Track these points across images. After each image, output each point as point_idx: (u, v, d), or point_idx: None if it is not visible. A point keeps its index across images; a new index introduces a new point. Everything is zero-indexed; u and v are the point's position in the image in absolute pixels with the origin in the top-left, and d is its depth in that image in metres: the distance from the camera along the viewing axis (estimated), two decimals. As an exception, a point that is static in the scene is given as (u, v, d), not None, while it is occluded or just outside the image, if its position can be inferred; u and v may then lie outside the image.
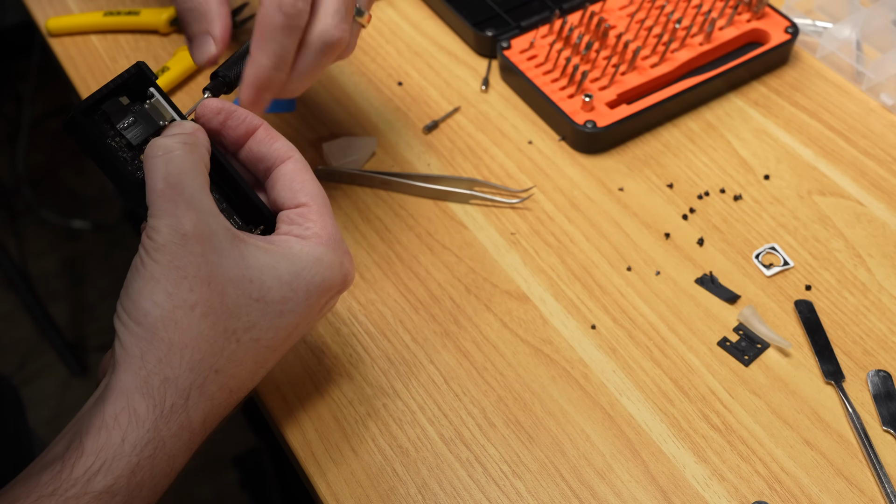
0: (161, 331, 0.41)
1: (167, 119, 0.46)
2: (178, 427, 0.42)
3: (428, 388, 0.55)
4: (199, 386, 0.42)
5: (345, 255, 0.47)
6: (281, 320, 0.44)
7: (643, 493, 0.50)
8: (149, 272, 0.41)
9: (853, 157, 0.67)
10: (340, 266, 0.46)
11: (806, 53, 0.74)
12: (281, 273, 0.44)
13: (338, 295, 0.48)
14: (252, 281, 0.43)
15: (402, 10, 0.80)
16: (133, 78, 0.46)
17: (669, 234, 0.62)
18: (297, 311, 0.45)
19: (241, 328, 0.43)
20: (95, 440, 0.40)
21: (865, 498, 0.50)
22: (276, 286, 0.44)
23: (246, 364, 0.44)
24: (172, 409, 0.41)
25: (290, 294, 0.44)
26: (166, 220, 0.42)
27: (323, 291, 0.45)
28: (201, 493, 1.37)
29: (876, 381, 0.54)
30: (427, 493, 0.51)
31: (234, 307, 0.43)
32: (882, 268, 0.60)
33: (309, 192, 0.47)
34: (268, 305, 0.43)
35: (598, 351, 0.56)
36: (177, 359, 0.41)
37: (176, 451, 0.42)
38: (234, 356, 0.43)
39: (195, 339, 0.42)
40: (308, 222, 0.46)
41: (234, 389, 0.44)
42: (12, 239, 1.72)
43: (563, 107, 0.67)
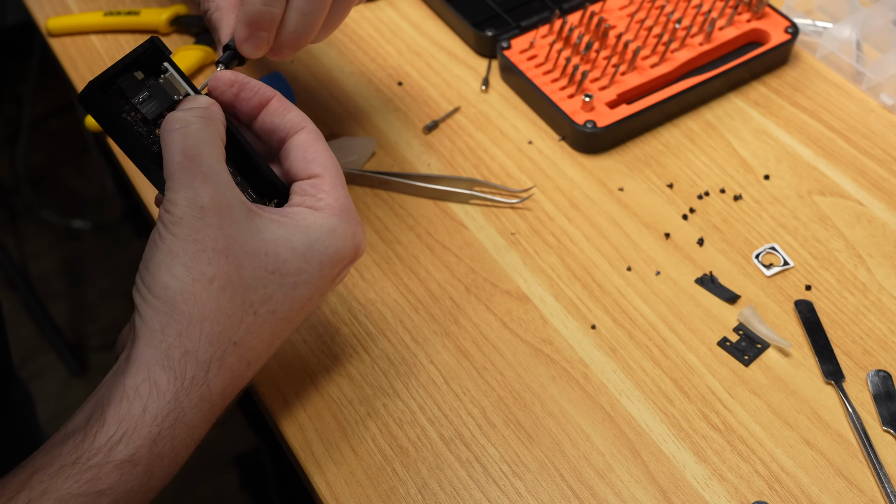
0: (180, 304, 0.42)
1: (181, 93, 0.47)
2: (198, 399, 0.42)
3: (428, 388, 0.55)
4: (218, 358, 0.43)
5: (357, 225, 0.47)
6: (296, 292, 0.45)
7: (643, 493, 0.50)
8: (167, 246, 0.42)
9: (853, 157, 0.67)
10: (353, 236, 0.46)
11: (806, 53, 0.74)
12: (295, 245, 0.44)
13: (350, 265, 0.48)
14: (268, 254, 0.43)
15: (402, 10, 0.80)
16: (147, 53, 0.46)
17: (669, 234, 0.62)
18: (311, 282, 0.45)
19: (257, 301, 0.43)
20: (117, 410, 0.41)
21: (865, 498, 0.50)
22: (291, 258, 0.44)
23: (263, 336, 0.44)
24: (193, 381, 0.42)
25: (304, 265, 0.44)
26: (184, 193, 0.42)
27: (336, 262, 0.46)
28: (201, 493, 1.37)
29: (876, 381, 0.54)
30: (427, 493, 0.51)
31: (251, 280, 0.43)
32: (882, 268, 0.60)
33: (322, 162, 0.47)
34: (283, 277, 0.44)
35: (598, 351, 0.56)
36: (196, 332, 0.42)
37: (196, 422, 0.43)
38: (251, 329, 0.43)
39: (214, 312, 0.42)
40: (321, 193, 0.46)
41: (251, 361, 0.44)
42: (12, 239, 1.72)
43: (563, 107, 0.67)
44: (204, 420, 0.43)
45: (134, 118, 0.46)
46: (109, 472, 0.40)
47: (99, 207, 1.78)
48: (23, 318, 1.61)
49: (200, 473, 1.38)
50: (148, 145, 0.46)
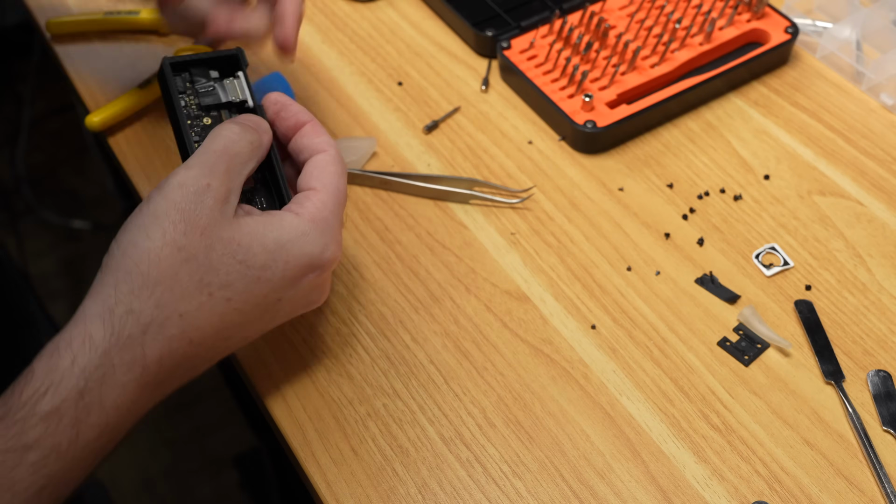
0: (143, 264, 0.43)
1: (240, 97, 0.52)
2: (130, 358, 0.42)
3: (428, 388, 0.55)
4: (159, 324, 0.43)
5: (332, 242, 0.48)
6: (256, 286, 0.46)
7: (643, 493, 0.50)
8: (152, 209, 0.44)
9: (853, 157, 0.67)
10: (324, 248, 0.47)
11: (806, 53, 0.74)
12: (267, 242, 0.46)
13: (316, 276, 0.48)
14: (240, 244, 0.45)
15: (402, 10, 0.80)
16: (229, 58, 0.52)
17: (669, 234, 0.62)
18: (272, 280, 0.46)
19: (216, 283, 0.44)
20: (47, 363, 0.41)
21: (865, 498, 0.50)
22: (260, 253, 0.45)
23: (212, 320, 0.45)
24: (129, 339, 0.42)
25: (270, 262, 0.46)
26: (198, 171, 0.45)
27: (301, 266, 0.47)
28: (201, 493, 1.37)
29: (876, 381, 0.54)
30: (427, 493, 0.51)
31: (217, 263, 0.44)
32: (882, 268, 0.60)
33: (324, 181, 0.49)
34: (248, 269, 0.45)
35: (598, 351, 0.56)
36: (147, 293, 0.43)
37: (127, 383, 0.42)
38: (202, 308, 0.44)
39: (170, 278, 0.43)
40: (307, 202, 0.48)
41: (194, 341, 0.44)
42: (12, 239, 1.72)
43: (563, 107, 0.67)
44: (136, 385, 0.43)
45: (189, 101, 0.51)
46: (35, 424, 0.40)
47: (99, 207, 1.78)
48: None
49: (200, 473, 1.39)
50: (190, 126, 0.51)
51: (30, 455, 0.40)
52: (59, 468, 0.41)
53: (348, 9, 0.80)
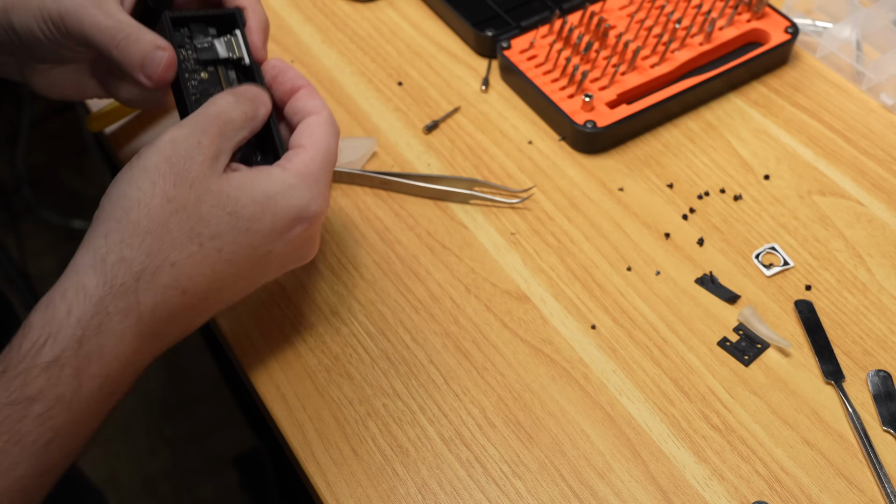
0: (133, 213, 0.44)
1: (237, 54, 0.53)
2: (125, 307, 0.43)
3: (428, 388, 0.55)
4: (151, 272, 0.43)
5: (318, 195, 0.49)
6: (246, 237, 0.46)
7: (643, 493, 0.50)
8: (143, 162, 0.45)
9: (853, 157, 0.67)
10: (310, 200, 0.48)
11: (806, 53, 0.74)
12: (256, 194, 0.46)
13: (304, 230, 0.49)
14: (229, 196, 0.46)
15: (402, 10, 0.80)
16: (227, 17, 0.54)
17: (669, 234, 0.62)
18: (261, 231, 0.47)
19: (206, 234, 0.45)
20: (42, 315, 0.42)
21: (865, 498, 0.50)
22: (248, 204, 0.46)
23: (203, 270, 0.45)
24: (122, 287, 0.43)
25: (259, 214, 0.46)
26: (191, 130, 0.46)
27: (289, 218, 0.48)
28: (201, 493, 1.37)
29: (876, 381, 0.54)
30: (427, 493, 0.51)
31: (207, 214, 0.45)
32: (882, 268, 0.60)
33: (314, 138, 0.50)
34: (237, 220, 0.46)
35: (598, 351, 0.56)
36: (137, 242, 0.43)
37: (124, 332, 0.43)
38: (192, 257, 0.45)
39: (160, 227, 0.44)
40: (296, 158, 0.49)
41: (187, 291, 0.45)
42: (12, 239, 1.72)
43: (563, 107, 0.67)
44: (134, 334, 0.43)
45: (187, 55, 0.52)
46: (37, 376, 0.40)
47: (99, 207, 1.78)
48: (23, 319, 1.60)
49: (200, 473, 1.39)
50: (186, 80, 0.52)
51: (34, 407, 0.40)
52: (65, 420, 0.41)
53: (348, 9, 0.80)
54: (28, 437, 0.40)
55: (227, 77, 0.53)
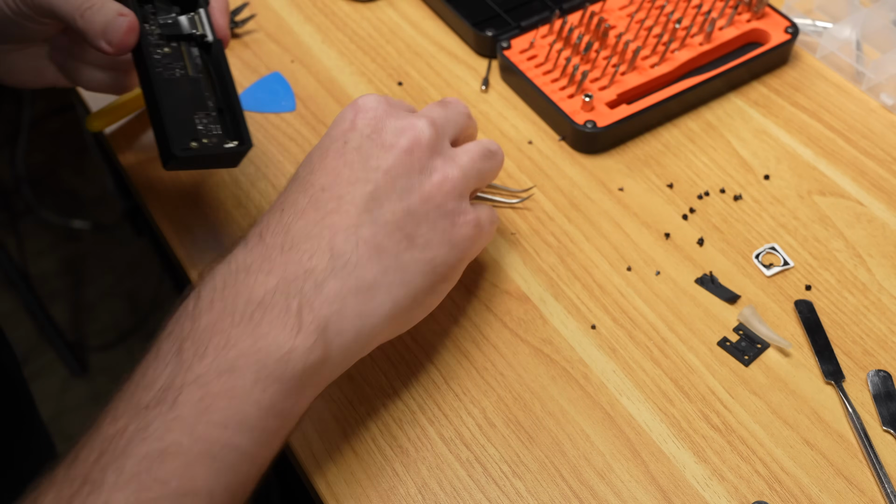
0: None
1: (199, 31, 0.54)
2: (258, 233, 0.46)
3: (428, 388, 0.55)
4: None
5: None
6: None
7: (643, 493, 0.50)
8: None
9: (853, 157, 0.67)
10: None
11: (806, 53, 0.74)
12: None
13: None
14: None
15: (402, 10, 0.80)
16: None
17: (669, 234, 0.62)
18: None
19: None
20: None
21: (865, 498, 0.50)
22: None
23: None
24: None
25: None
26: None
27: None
28: (201, 493, 1.37)
29: (876, 381, 0.54)
30: (427, 493, 0.51)
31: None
32: (882, 268, 0.60)
33: None
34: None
35: (598, 351, 0.56)
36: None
37: (236, 253, 0.45)
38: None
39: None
40: None
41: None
42: (12, 239, 1.72)
43: (563, 107, 0.67)
44: (242, 249, 0.45)
45: (152, 31, 0.54)
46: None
47: (99, 207, 1.79)
48: (23, 318, 1.61)
49: (200, 473, 1.38)
50: (152, 52, 0.53)
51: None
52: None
53: (348, 9, 0.80)
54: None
55: (190, 53, 0.54)
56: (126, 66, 0.59)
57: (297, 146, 0.68)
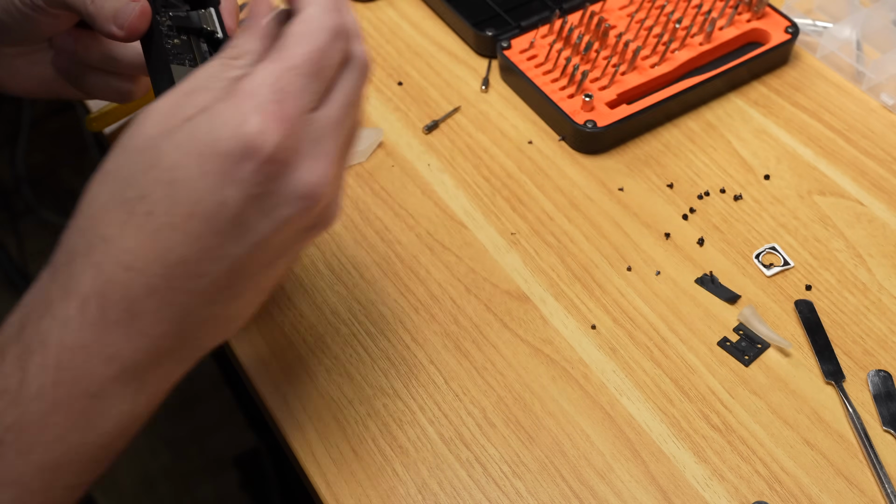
0: (82, 197, 0.40)
1: (209, 27, 0.52)
2: (63, 290, 0.38)
3: (428, 388, 0.55)
4: (83, 252, 0.38)
5: (258, 115, 0.37)
6: (174, 191, 0.37)
7: (643, 493, 0.50)
8: None
9: (853, 157, 0.67)
10: (241, 123, 0.36)
11: (806, 53, 0.74)
12: (177, 136, 0.38)
13: (266, 170, 0.37)
14: (155, 147, 0.38)
15: (402, 10, 0.80)
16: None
17: (669, 234, 0.62)
18: (190, 180, 0.37)
19: (134, 198, 0.38)
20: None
21: (865, 498, 0.50)
22: (168, 150, 0.37)
23: (142, 239, 0.38)
24: (60, 269, 0.39)
25: (180, 158, 0.37)
26: (154, 116, 0.39)
27: (217, 155, 0.37)
28: (201, 493, 1.37)
29: (876, 381, 0.54)
30: (427, 493, 0.51)
31: (133, 174, 0.38)
32: (882, 268, 0.60)
33: (286, 42, 0.39)
34: (160, 172, 0.37)
35: (598, 351, 0.56)
36: (74, 223, 0.39)
37: (68, 319, 0.38)
38: (125, 227, 0.38)
39: (89, 203, 0.39)
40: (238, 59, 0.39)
41: (130, 265, 0.38)
42: (12, 239, 1.72)
43: (563, 107, 0.67)
44: (81, 321, 0.38)
45: (163, 21, 0.52)
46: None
47: (99, 207, 1.78)
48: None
49: (200, 473, 1.38)
50: (164, 40, 0.51)
51: None
52: (16, 417, 0.37)
53: (348, 9, 0.80)
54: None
55: (200, 47, 0.54)
56: (132, 70, 0.59)
57: (297, 146, 0.68)
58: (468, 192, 0.65)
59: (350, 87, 0.41)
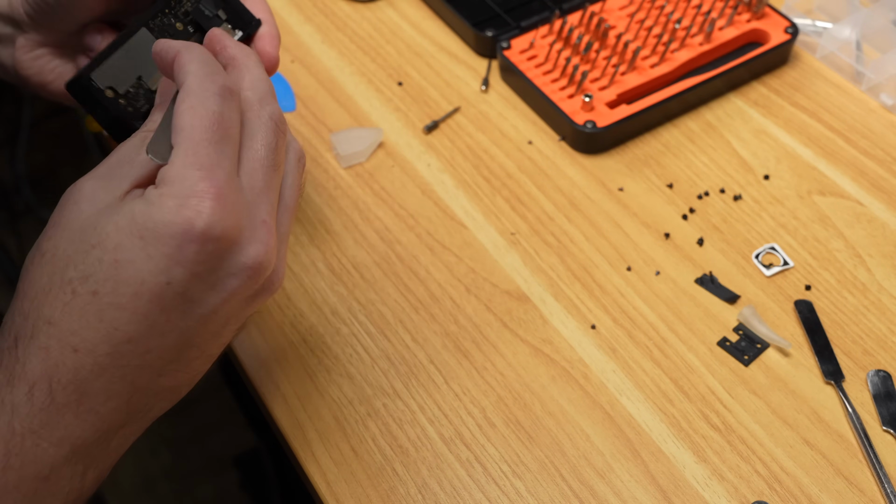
0: (21, 278, 0.39)
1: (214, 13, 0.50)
2: (9, 375, 0.38)
3: (428, 388, 0.55)
4: (28, 335, 0.38)
5: (193, 197, 0.37)
6: (119, 272, 0.37)
7: (643, 493, 0.50)
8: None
9: (853, 157, 0.67)
10: (181, 206, 0.37)
11: (806, 53, 0.74)
12: (118, 218, 0.38)
13: (207, 252, 0.38)
14: (95, 227, 0.38)
15: (402, 10, 0.80)
16: (246, 16, 0.51)
17: (669, 234, 0.62)
18: (135, 262, 0.37)
19: (77, 278, 0.38)
20: None
21: (865, 498, 0.50)
22: (112, 231, 0.38)
23: (88, 320, 0.38)
24: (4, 351, 0.39)
25: (124, 240, 0.37)
26: (88, 176, 0.40)
27: (160, 238, 0.37)
28: (201, 493, 1.37)
29: (876, 381, 0.54)
30: (427, 493, 0.51)
31: (74, 254, 0.38)
32: (882, 268, 0.60)
33: (183, 120, 0.39)
34: (103, 252, 0.38)
35: (598, 351, 0.56)
36: (15, 306, 0.39)
37: (17, 404, 0.38)
38: (70, 309, 0.38)
39: (30, 285, 0.39)
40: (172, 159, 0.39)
41: (79, 348, 0.38)
42: (12, 239, 1.72)
43: (563, 107, 0.67)
44: (30, 406, 0.38)
45: (184, 2, 0.50)
46: None
47: (99, 207, 1.78)
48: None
49: (200, 473, 1.39)
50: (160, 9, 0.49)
51: None
52: None
53: (348, 9, 0.80)
54: None
55: None
56: None
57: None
58: (468, 192, 0.65)
59: (263, 149, 0.41)
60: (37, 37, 0.54)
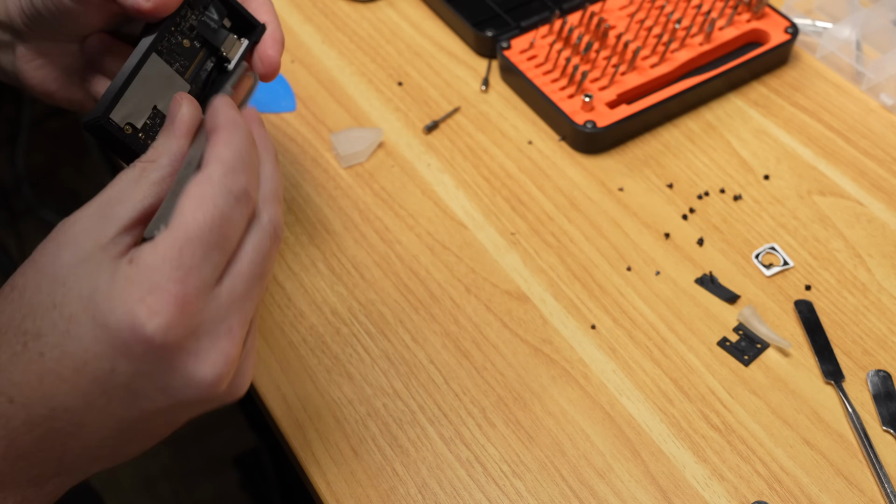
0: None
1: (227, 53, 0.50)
2: None
3: (428, 388, 0.55)
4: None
5: (155, 295, 0.35)
6: (67, 342, 0.36)
7: (643, 493, 0.50)
8: None
9: (853, 157, 0.67)
10: (139, 302, 0.35)
11: (806, 53, 0.74)
12: (85, 282, 0.36)
13: (150, 358, 0.36)
14: (64, 283, 0.37)
15: (402, 10, 0.80)
16: (250, 23, 0.51)
17: (669, 234, 0.62)
18: (83, 338, 0.36)
19: (31, 332, 0.36)
20: None
21: (865, 498, 0.50)
22: (74, 299, 0.36)
23: (29, 379, 0.36)
24: None
25: (80, 312, 0.36)
26: (77, 232, 0.39)
27: (108, 326, 0.35)
28: (201, 493, 1.37)
29: (876, 381, 0.54)
30: (427, 493, 0.51)
31: (36, 306, 0.37)
32: (882, 268, 0.60)
33: (177, 216, 0.37)
34: (60, 319, 0.36)
35: (598, 351, 0.56)
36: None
37: None
38: (17, 360, 0.37)
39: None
40: (144, 245, 0.37)
41: (14, 400, 0.36)
42: (12, 239, 1.72)
43: (563, 107, 0.67)
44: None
45: (186, 16, 0.49)
46: None
47: (99, 207, 1.78)
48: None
49: (200, 473, 1.39)
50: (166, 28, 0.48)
51: None
52: None
53: (348, 9, 0.80)
54: None
55: (202, 63, 0.51)
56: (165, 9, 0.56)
57: (297, 146, 0.68)
58: (468, 192, 0.65)
59: (255, 257, 0.39)
60: (37, 47, 0.54)
